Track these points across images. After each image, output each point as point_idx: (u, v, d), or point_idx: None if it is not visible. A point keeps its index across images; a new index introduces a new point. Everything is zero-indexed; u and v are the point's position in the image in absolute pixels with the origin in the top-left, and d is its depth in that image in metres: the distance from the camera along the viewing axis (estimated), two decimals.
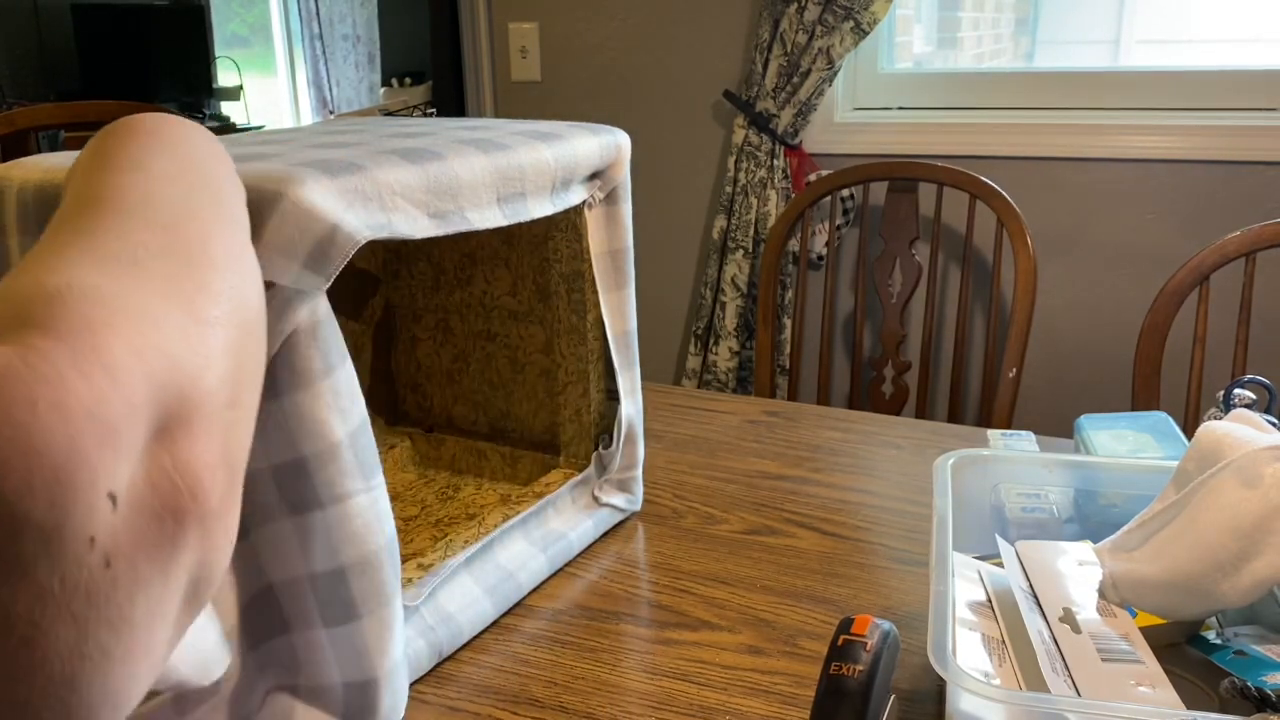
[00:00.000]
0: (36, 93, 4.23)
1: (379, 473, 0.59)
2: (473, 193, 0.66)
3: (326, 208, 0.54)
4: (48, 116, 1.61)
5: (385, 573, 0.59)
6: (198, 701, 0.56)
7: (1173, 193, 1.78)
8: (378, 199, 0.59)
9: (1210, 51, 1.94)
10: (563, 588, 0.79)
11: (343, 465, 0.56)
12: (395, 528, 0.60)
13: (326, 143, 0.66)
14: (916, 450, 1.03)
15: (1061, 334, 1.91)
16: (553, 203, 0.74)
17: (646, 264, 2.20)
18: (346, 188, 0.57)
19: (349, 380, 0.57)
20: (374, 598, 0.58)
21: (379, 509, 0.58)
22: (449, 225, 0.64)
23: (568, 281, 0.86)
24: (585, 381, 0.89)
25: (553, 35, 2.16)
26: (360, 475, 0.57)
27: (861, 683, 0.53)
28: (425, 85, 4.53)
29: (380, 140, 0.67)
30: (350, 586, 0.57)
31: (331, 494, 0.56)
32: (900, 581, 0.79)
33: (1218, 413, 0.85)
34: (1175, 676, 0.58)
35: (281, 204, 0.53)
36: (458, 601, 0.72)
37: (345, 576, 0.57)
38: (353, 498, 0.57)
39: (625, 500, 0.89)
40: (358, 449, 0.57)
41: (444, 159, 0.64)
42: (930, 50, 2.14)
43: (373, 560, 0.58)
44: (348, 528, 0.57)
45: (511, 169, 0.69)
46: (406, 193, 0.61)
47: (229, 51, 5.04)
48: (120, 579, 0.26)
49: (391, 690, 0.60)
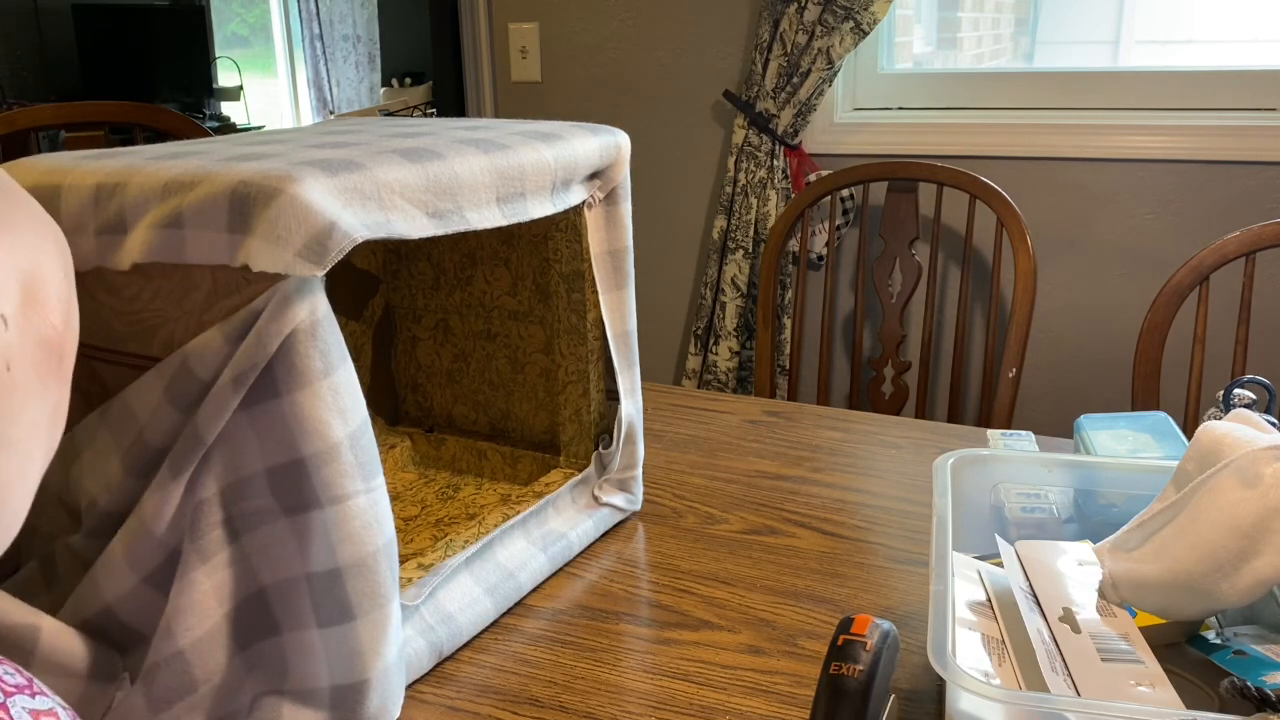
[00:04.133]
0: (36, 93, 4.23)
1: (379, 474, 0.59)
2: (472, 192, 0.66)
3: (323, 205, 0.54)
4: (48, 116, 1.61)
5: (382, 574, 0.58)
6: (169, 700, 0.56)
7: (1173, 193, 1.78)
8: (376, 198, 0.59)
9: (1210, 51, 1.94)
10: (563, 587, 0.79)
11: (342, 466, 0.56)
12: (395, 529, 0.60)
13: (327, 142, 0.66)
14: (916, 450, 1.03)
15: (1061, 334, 1.91)
16: (553, 203, 0.74)
17: (646, 264, 2.20)
18: (344, 186, 0.57)
19: (349, 380, 0.56)
20: (370, 599, 0.58)
21: (378, 510, 0.58)
22: (448, 225, 0.64)
23: (567, 281, 0.86)
24: (585, 381, 0.89)
25: (553, 35, 2.16)
26: (360, 476, 0.57)
27: (861, 682, 0.53)
28: (425, 85, 4.53)
29: (380, 140, 0.67)
30: (346, 587, 0.57)
31: (330, 495, 0.56)
32: (900, 581, 0.79)
33: (1218, 413, 0.85)
34: (1175, 676, 0.58)
35: (278, 199, 0.53)
36: (458, 601, 0.72)
37: (342, 577, 0.57)
38: (352, 499, 0.57)
39: (625, 500, 0.89)
40: (358, 450, 0.57)
41: (444, 158, 0.64)
42: (930, 50, 2.14)
43: (370, 562, 0.58)
44: (346, 529, 0.56)
45: (511, 169, 0.69)
46: (405, 192, 0.61)
47: (229, 51, 5.04)
48: (18, 383, 0.36)
49: (381, 692, 0.60)
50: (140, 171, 0.58)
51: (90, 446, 0.60)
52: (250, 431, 0.55)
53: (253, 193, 0.54)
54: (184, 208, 0.55)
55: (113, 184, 0.59)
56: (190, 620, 0.55)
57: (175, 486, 0.55)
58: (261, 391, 0.54)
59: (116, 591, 0.57)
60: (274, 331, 0.53)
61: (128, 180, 0.58)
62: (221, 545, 0.56)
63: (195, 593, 0.55)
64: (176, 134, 1.65)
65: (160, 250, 0.56)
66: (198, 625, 0.56)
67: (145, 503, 0.55)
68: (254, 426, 0.55)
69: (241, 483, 0.56)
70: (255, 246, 0.53)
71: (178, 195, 0.56)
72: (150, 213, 0.57)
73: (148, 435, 0.57)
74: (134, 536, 0.56)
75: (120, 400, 0.59)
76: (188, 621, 0.55)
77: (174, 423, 0.56)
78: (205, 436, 0.54)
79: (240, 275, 0.55)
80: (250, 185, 0.54)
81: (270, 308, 0.53)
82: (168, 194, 0.56)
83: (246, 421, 0.55)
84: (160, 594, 0.57)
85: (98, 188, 0.59)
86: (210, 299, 0.57)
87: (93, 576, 0.57)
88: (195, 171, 0.57)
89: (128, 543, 0.56)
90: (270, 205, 0.53)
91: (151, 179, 0.57)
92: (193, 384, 0.55)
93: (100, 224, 0.59)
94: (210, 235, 0.55)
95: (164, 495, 0.55)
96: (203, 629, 0.56)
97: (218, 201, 0.54)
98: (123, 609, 0.57)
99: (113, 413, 0.59)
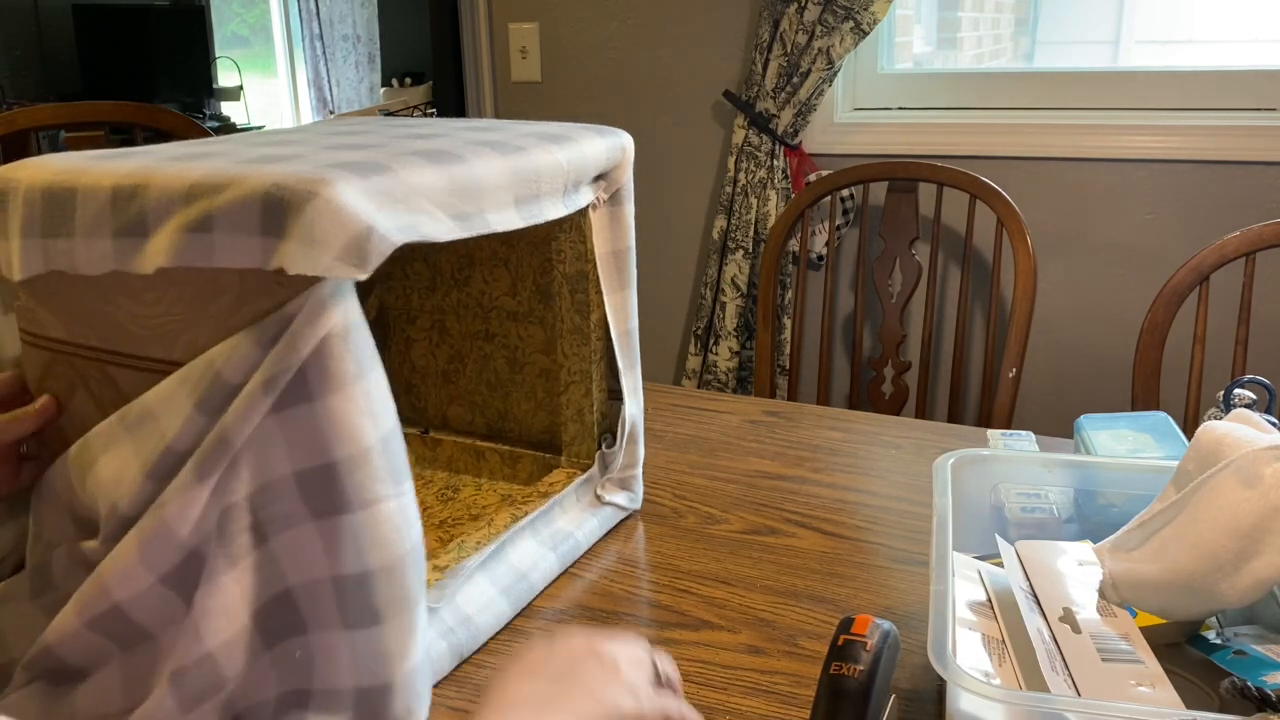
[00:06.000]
0: (36, 93, 4.22)
1: (408, 478, 0.58)
2: (492, 195, 0.66)
3: (359, 208, 0.54)
4: (48, 116, 1.61)
5: (410, 578, 0.58)
6: (199, 699, 0.56)
7: (1173, 193, 1.78)
8: (405, 201, 0.58)
9: (1210, 51, 1.94)
10: (564, 588, 0.79)
11: (373, 470, 0.56)
12: (422, 533, 0.60)
13: (343, 144, 0.66)
14: (916, 450, 1.03)
15: (1061, 334, 1.91)
16: (564, 204, 0.74)
17: (647, 264, 2.20)
18: (375, 189, 0.56)
19: (380, 384, 0.56)
20: (397, 602, 0.58)
21: (407, 514, 0.58)
22: (471, 228, 0.64)
23: (571, 282, 0.86)
24: (588, 381, 0.89)
25: (553, 35, 2.16)
26: (390, 480, 0.57)
27: (861, 682, 0.53)
28: (425, 85, 4.52)
29: (394, 141, 0.67)
30: (374, 591, 0.57)
31: (361, 498, 0.56)
32: (900, 581, 0.79)
33: (1218, 413, 0.85)
34: (1175, 676, 0.58)
35: (314, 203, 0.53)
36: (475, 603, 0.72)
37: (370, 581, 0.57)
38: (382, 503, 0.56)
39: (627, 498, 0.89)
40: (388, 454, 0.57)
41: (465, 161, 0.64)
42: (930, 50, 2.14)
43: (398, 566, 0.57)
44: (376, 533, 0.56)
45: (528, 171, 0.69)
46: (431, 195, 0.60)
47: (229, 51, 5.03)
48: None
49: (406, 695, 0.60)
50: (160, 173, 0.58)
51: (108, 452, 0.59)
52: (280, 435, 0.54)
53: (287, 196, 0.53)
54: (214, 211, 0.54)
55: (131, 185, 0.58)
56: (219, 623, 0.55)
57: (201, 490, 0.54)
58: (293, 395, 0.54)
59: (130, 591, 0.56)
60: (308, 335, 0.53)
61: (147, 182, 0.57)
62: (249, 549, 0.56)
63: (224, 596, 0.55)
64: (177, 134, 1.65)
65: (188, 254, 0.55)
66: (226, 627, 0.55)
67: (166, 504, 0.55)
68: (284, 430, 0.54)
69: (270, 486, 0.55)
70: (291, 250, 0.53)
71: (205, 198, 0.55)
72: (175, 215, 0.56)
73: (172, 440, 0.56)
74: (151, 537, 0.55)
75: (141, 405, 0.58)
76: (216, 624, 0.55)
77: (200, 427, 0.56)
78: (234, 440, 0.54)
79: (272, 279, 0.54)
80: (284, 188, 0.53)
81: (305, 311, 0.53)
82: (193, 197, 0.55)
83: (276, 425, 0.54)
84: (175, 593, 0.56)
85: (115, 189, 0.58)
86: (238, 303, 0.56)
87: (99, 577, 0.57)
88: (220, 174, 0.56)
89: (142, 543, 0.56)
90: (306, 209, 0.53)
91: (174, 181, 0.57)
92: (221, 388, 0.55)
93: (119, 226, 0.58)
94: (242, 239, 0.54)
95: (188, 498, 0.54)
96: (231, 630, 0.56)
97: (249, 205, 0.54)
98: (134, 608, 0.56)
99: (133, 417, 0.58)
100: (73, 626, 0.57)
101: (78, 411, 0.64)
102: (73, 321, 0.63)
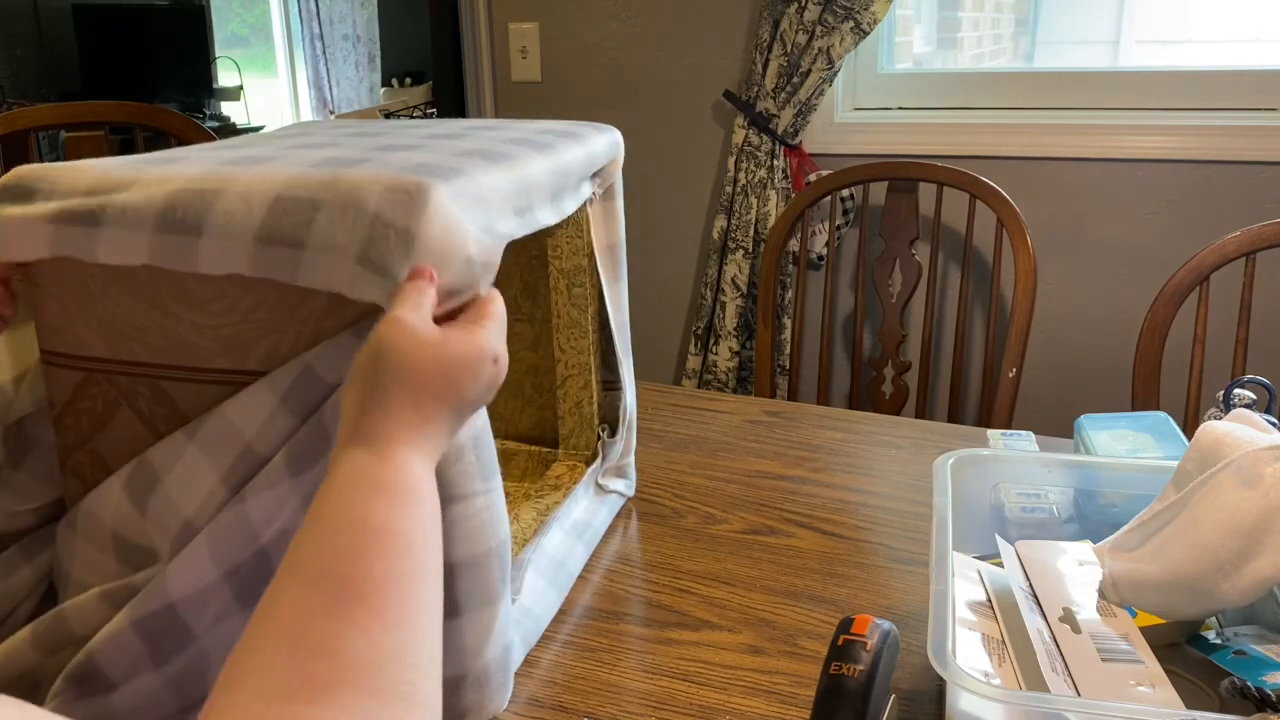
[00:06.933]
0: (37, 93, 4.22)
1: (497, 475, 0.59)
2: (539, 191, 0.66)
3: (464, 225, 0.54)
4: (48, 116, 1.61)
5: (494, 573, 0.59)
6: None
7: (1173, 193, 1.78)
8: (483, 202, 0.58)
9: (1210, 51, 1.94)
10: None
11: (465, 466, 0.56)
12: (510, 530, 0.60)
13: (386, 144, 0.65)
14: (916, 450, 1.03)
15: (1061, 334, 1.91)
16: (576, 199, 0.75)
17: (647, 264, 2.20)
18: (459, 191, 0.56)
19: None
20: (479, 597, 0.58)
21: (496, 511, 0.59)
22: (527, 225, 0.64)
23: (568, 277, 0.87)
24: (587, 374, 0.89)
25: (553, 35, 2.16)
26: (480, 476, 0.57)
27: (861, 682, 0.53)
28: (425, 85, 4.52)
29: (431, 142, 0.66)
30: (457, 584, 0.57)
31: (452, 493, 0.56)
32: (900, 581, 0.79)
33: (1218, 413, 0.85)
34: (1175, 676, 0.58)
35: (428, 206, 0.53)
36: (529, 595, 0.72)
37: (454, 574, 0.57)
38: (472, 498, 0.57)
39: (625, 485, 0.90)
40: (480, 450, 0.57)
41: (515, 160, 0.64)
42: (930, 50, 2.14)
43: (483, 561, 0.58)
44: (465, 527, 0.57)
45: (562, 167, 0.70)
46: (499, 195, 0.61)
47: (229, 51, 5.03)
48: None
49: (477, 687, 0.60)
50: (235, 180, 0.56)
51: (175, 469, 0.58)
52: None
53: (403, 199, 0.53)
54: (311, 227, 0.53)
55: (196, 191, 0.56)
56: None
57: (294, 485, 0.54)
58: None
59: (189, 589, 0.55)
60: None
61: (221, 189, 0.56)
62: None
63: None
64: (177, 134, 1.65)
65: (273, 268, 0.54)
66: None
67: (248, 498, 0.55)
68: None
69: None
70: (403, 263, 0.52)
71: (292, 214, 0.54)
72: (254, 226, 0.55)
73: (258, 447, 0.55)
74: (226, 530, 0.55)
75: (217, 417, 0.57)
76: None
77: (288, 426, 0.55)
78: (333, 435, 0.53)
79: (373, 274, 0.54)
80: (400, 192, 0.53)
81: None
82: (280, 210, 0.54)
83: None
84: (231, 591, 0.56)
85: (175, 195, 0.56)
86: (331, 306, 0.56)
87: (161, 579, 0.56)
88: (302, 182, 0.55)
89: (213, 537, 0.55)
90: (416, 238, 0.52)
91: (254, 188, 0.55)
92: (316, 388, 0.55)
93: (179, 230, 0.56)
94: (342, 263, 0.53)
95: (277, 493, 0.54)
96: None
97: (355, 228, 0.53)
98: (187, 606, 0.56)
99: (207, 430, 0.57)
100: (118, 628, 0.56)
101: (121, 432, 0.61)
102: (117, 338, 0.60)
